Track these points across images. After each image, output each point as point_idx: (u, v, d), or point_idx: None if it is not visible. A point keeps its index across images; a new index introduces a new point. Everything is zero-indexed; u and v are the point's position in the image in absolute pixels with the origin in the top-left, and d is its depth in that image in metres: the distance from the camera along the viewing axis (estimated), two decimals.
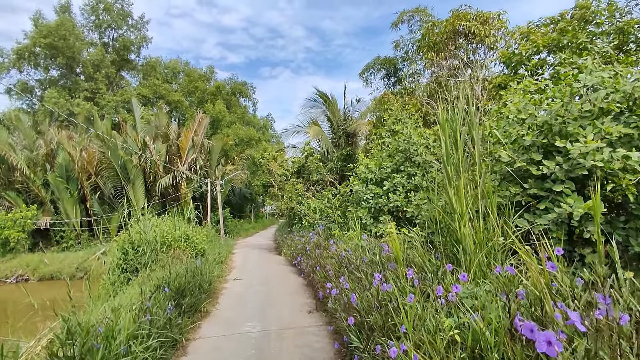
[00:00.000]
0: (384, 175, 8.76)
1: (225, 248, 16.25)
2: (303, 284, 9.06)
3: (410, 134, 8.68)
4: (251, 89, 47.71)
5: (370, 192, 8.47)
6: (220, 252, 13.21)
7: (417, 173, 8.50)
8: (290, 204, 15.69)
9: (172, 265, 10.05)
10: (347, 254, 6.28)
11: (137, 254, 10.29)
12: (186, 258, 10.67)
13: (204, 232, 17.22)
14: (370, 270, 4.53)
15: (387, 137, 9.26)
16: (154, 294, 5.23)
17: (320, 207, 12.93)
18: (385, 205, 8.23)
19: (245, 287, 9.15)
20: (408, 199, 8.09)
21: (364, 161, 9.07)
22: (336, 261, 6.35)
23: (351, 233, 8.01)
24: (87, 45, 35.97)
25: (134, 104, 28.14)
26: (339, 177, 20.35)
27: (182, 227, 11.88)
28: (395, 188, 8.39)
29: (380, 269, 4.42)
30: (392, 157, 9.15)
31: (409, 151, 8.62)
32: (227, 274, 11.28)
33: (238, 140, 38.75)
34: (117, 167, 24.70)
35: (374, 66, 18.89)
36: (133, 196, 25.02)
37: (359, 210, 8.39)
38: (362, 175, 8.79)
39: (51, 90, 32.52)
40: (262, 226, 41.59)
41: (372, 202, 8.29)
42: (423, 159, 8.56)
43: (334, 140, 25.05)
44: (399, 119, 9.44)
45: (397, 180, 8.35)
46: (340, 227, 11.17)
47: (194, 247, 11.46)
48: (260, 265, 12.88)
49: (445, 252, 3.92)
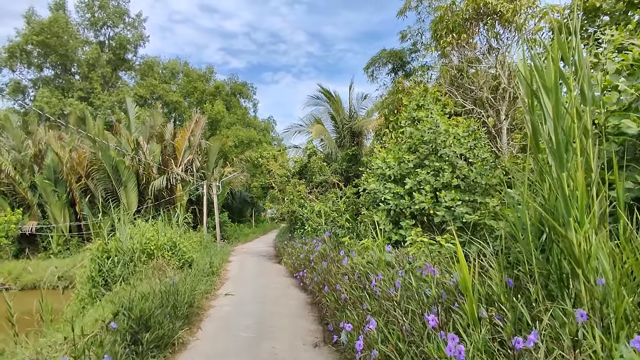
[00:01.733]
0: (405, 171, 7.25)
1: (220, 256, 14.74)
2: (307, 302, 7.54)
3: (437, 122, 7.18)
4: (251, 90, 46.40)
5: (389, 191, 6.96)
6: (212, 261, 11.69)
7: (445, 169, 6.99)
8: (291, 207, 14.19)
9: (152, 278, 8.58)
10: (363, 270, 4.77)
11: (113, 265, 8.80)
12: (171, 269, 9.17)
13: (196, 238, 15.73)
14: (412, 304, 3.01)
15: (408, 126, 7.78)
16: (99, 334, 3.72)
17: (326, 210, 11.42)
18: (407, 207, 6.71)
19: (236, 305, 7.62)
20: (436, 199, 6.57)
21: (381, 154, 7.56)
22: (350, 280, 4.83)
23: (366, 242, 6.50)
24: (81, 44, 34.73)
25: (128, 103, 26.80)
26: (344, 178, 18.86)
27: (168, 233, 10.39)
28: (420, 187, 6.88)
29: (431, 303, 2.90)
30: (413, 150, 7.65)
31: (436, 142, 7.12)
32: (218, 287, 9.77)
33: (238, 141, 37.36)
34: (109, 169, 23.28)
35: (380, 60, 17.42)
36: (125, 199, 23.58)
37: (376, 213, 6.88)
38: (378, 171, 7.28)
39: (43, 90, 31.24)
40: (262, 231, 40.08)
41: (392, 204, 6.78)
42: (452, 151, 7.06)
43: (338, 140, 23.60)
44: (421, 105, 7.95)
45: (421, 177, 6.84)
46: (349, 233, 9.67)
47: (181, 257, 9.96)
48: (257, 276, 11.35)
49: (543, 280, 2.41)
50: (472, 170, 6.84)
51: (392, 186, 7.00)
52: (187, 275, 8.67)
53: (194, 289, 6.84)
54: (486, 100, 11.34)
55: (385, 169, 7.22)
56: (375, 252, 4.91)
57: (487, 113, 10.93)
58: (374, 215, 6.86)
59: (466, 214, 6.24)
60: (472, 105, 11.03)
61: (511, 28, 10.83)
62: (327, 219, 10.22)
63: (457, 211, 6.24)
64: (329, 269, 6.04)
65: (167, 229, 11.34)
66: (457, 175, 6.91)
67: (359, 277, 4.60)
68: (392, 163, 7.27)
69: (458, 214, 6.25)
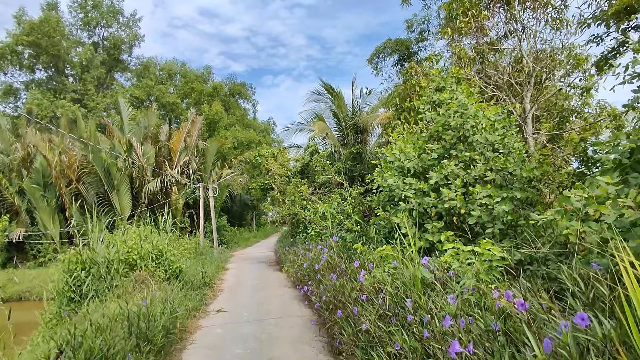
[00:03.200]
0: (428, 163, 6.05)
1: (216, 263, 13.55)
2: (312, 320, 6.33)
3: (466, 104, 5.99)
4: (250, 90, 45.27)
5: (410, 187, 5.75)
6: (205, 270, 10.50)
7: (477, 159, 5.79)
8: (292, 209, 13.00)
9: (132, 293, 7.41)
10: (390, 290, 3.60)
11: (87, 278, 7.62)
12: (154, 282, 7.97)
13: (189, 244, 14.54)
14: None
15: (427, 111, 6.57)
16: None
17: (331, 211, 10.23)
18: (433, 206, 5.51)
19: (230, 326, 6.42)
20: (470, 196, 5.38)
21: (398, 143, 6.34)
22: (373, 304, 3.63)
23: (385, 249, 5.30)
24: (74, 44, 33.69)
25: (121, 103, 25.69)
26: (348, 178, 17.66)
27: (155, 239, 9.20)
28: (447, 181, 5.68)
29: None
30: (435, 139, 6.46)
31: (464, 128, 5.92)
32: (210, 301, 8.57)
33: (237, 143, 36.22)
34: (100, 172, 22.16)
35: (385, 50, 16.22)
36: (118, 203, 22.43)
37: (395, 214, 5.67)
38: (396, 163, 6.07)
39: (33, 91, 30.19)
40: (263, 235, 38.96)
41: (414, 203, 5.58)
42: (484, 138, 5.87)
43: (341, 138, 22.42)
44: (441, 87, 6.75)
45: (449, 170, 5.64)
46: (359, 238, 8.47)
47: (168, 267, 8.76)
48: (256, 287, 10.15)
49: None
50: (510, 161, 5.64)
51: (413, 181, 5.79)
52: (172, 289, 7.48)
53: (175, 310, 5.63)
54: (510, 85, 10.16)
55: (403, 161, 6.00)
56: (406, 266, 3.71)
57: (510, 100, 9.75)
58: (393, 217, 5.65)
59: (508, 213, 5.04)
60: (493, 91, 9.85)
61: (535, 6, 9.65)
62: (333, 221, 9.02)
63: (497, 210, 5.04)
64: (342, 285, 4.83)
65: (154, 235, 10.14)
66: (490, 167, 5.71)
67: (386, 301, 3.39)
68: (412, 154, 6.06)
69: (498, 213, 5.05)
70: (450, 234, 5.20)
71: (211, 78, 43.16)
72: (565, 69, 9.47)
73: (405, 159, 5.99)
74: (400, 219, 5.47)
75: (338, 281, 5.25)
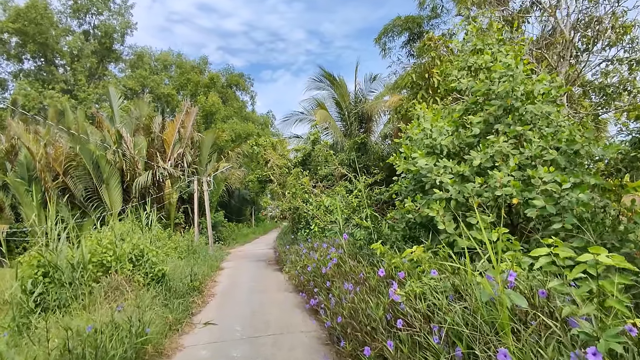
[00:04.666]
0: (467, 141, 4.77)
1: (209, 263, 12.31)
2: (320, 339, 5.09)
3: (514, 66, 4.70)
4: (248, 81, 43.79)
5: (446, 171, 4.47)
6: (196, 271, 9.26)
7: (531, 136, 4.53)
8: (293, 203, 11.74)
9: (103, 303, 6.19)
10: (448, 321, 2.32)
11: (49, 284, 6.38)
12: (131, 290, 6.72)
13: (181, 242, 13.29)
14: None
15: (462, 78, 5.28)
16: None
17: (338, 205, 8.98)
18: (477, 195, 4.25)
19: (218, 347, 5.18)
20: (528, 181, 4.14)
21: (428, 117, 5.03)
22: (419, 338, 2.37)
23: (415, 250, 4.04)
24: (63, 32, 32.21)
25: (112, 93, 24.30)
26: (352, 170, 16.38)
27: (135, 238, 7.94)
28: (495, 163, 4.41)
29: None
30: (472, 112, 5.17)
31: (514, 96, 4.64)
32: (198, 310, 7.34)
33: (235, 136, 34.91)
34: (89, 165, 20.88)
35: (394, 29, 14.85)
36: (108, 198, 21.15)
37: (427, 204, 4.40)
38: (426, 141, 4.77)
39: (21, 82, 28.80)
40: (262, 231, 37.75)
41: (453, 190, 4.30)
42: (539, 109, 4.60)
43: (344, 128, 21.12)
44: (478, 49, 5.47)
45: (496, 149, 4.37)
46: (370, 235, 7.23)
47: (150, 269, 7.51)
48: (252, 291, 8.91)
49: None
50: (579, 136, 4.37)
51: (450, 164, 4.51)
52: (152, 298, 6.24)
53: (144, 331, 4.37)
54: (541, 60, 8.85)
55: (436, 137, 4.71)
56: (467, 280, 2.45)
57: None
58: (424, 209, 4.38)
59: (583, 203, 3.79)
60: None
61: None
62: (342, 216, 7.75)
63: (569, 199, 3.78)
64: (363, 300, 3.58)
65: (136, 233, 8.88)
66: (550, 144, 4.44)
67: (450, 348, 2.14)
68: (448, 128, 4.77)
69: (570, 203, 3.79)
70: (504, 230, 3.95)
71: (208, 69, 41.71)
72: (611, 40, 8.16)
73: (438, 134, 4.70)
74: (435, 211, 4.20)
75: (356, 294, 3.99)
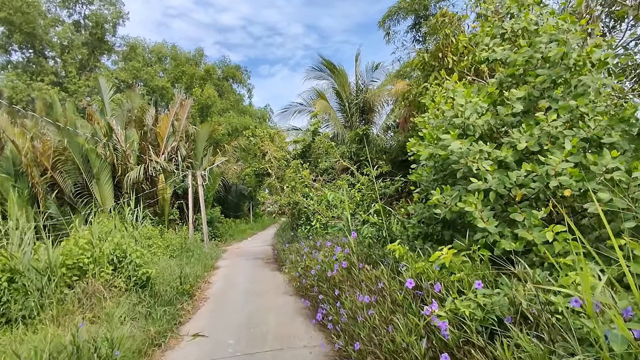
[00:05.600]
0: (507, 120, 3.92)
1: (203, 262, 11.49)
2: (326, 356, 4.28)
3: (566, 28, 3.85)
4: (246, 74, 42.65)
5: (482, 156, 3.63)
6: (188, 272, 8.44)
7: (586, 113, 3.70)
8: (293, 197, 10.90)
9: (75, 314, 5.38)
10: None
11: (14, 292, 5.54)
12: (110, 297, 5.90)
13: (174, 239, 12.45)
14: None
15: (496, 45, 4.42)
16: None
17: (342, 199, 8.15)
18: (520, 185, 3.41)
19: None
20: (586, 169, 3.31)
21: (460, 91, 4.16)
22: None
23: (444, 253, 3.23)
24: (52, 22, 31.04)
25: (102, 84, 23.32)
26: (354, 163, 15.54)
27: (116, 237, 7.08)
28: (543, 147, 3.57)
29: None
30: (509, 88, 4.32)
31: (564, 65, 3.80)
32: (188, 317, 6.53)
33: (231, 129, 33.98)
34: (78, 159, 20.01)
35: (399, 12, 13.92)
36: (98, 194, 20.26)
37: (456, 197, 3.57)
38: (457, 120, 3.90)
39: (9, 74, 27.72)
40: (261, 226, 36.98)
41: (492, 180, 3.46)
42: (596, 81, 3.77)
43: (344, 120, 20.24)
44: (512, 13, 4.60)
45: (544, 129, 3.52)
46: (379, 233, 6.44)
47: (133, 272, 6.67)
48: (248, 293, 8.10)
49: None
50: None
51: (487, 148, 3.66)
52: (127, 307, 5.42)
53: (114, 352, 3.54)
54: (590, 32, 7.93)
55: (470, 115, 3.86)
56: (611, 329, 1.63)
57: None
58: (459, 203, 3.53)
59: None
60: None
61: None
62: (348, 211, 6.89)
63: None
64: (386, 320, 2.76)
65: (120, 230, 8.03)
66: (611, 124, 3.60)
67: None
68: (483, 104, 3.92)
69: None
70: (562, 230, 3.14)
71: (203, 61, 40.57)
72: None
73: (474, 111, 3.84)
74: (473, 205, 3.36)
75: (375, 307, 3.17)
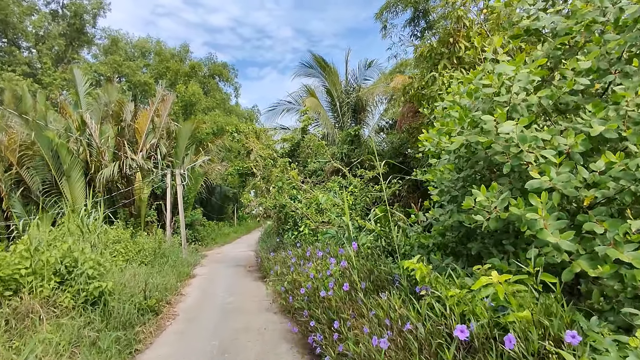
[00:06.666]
0: (564, 99, 2.98)
1: (178, 269, 10.30)
2: None
3: None
4: (232, 72, 41.36)
5: (537, 143, 2.67)
6: (156, 283, 7.28)
7: None
8: (279, 200, 9.84)
9: None
10: None
11: None
12: (50, 316, 4.74)
13: (147, 244, 11.19)
14: None
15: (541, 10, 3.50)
16: None
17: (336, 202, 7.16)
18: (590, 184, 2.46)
19: None
20: None
21: (505, 59, 3.21)
22: None
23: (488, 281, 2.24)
24: (27, 11, 29.26)
25: (77, 76, 21.81)
26: (345, 164, 14.59)
27: (67, 243, 5.90)
28: (619, 134, 2.63)
29: None
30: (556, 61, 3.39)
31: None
32: (149, 341, 5.40)
33: (217, 128, 32.68)
34: (47, 155, 18.47)
35: (397, 5, 13.13)
36: (69, 192, 18.77)
37: (516, 202, 2.60)
38: (502, 97, 2.95)
39: None
40: (245, 230, 35.66)
41: (556, 178, 2.50)
42: None
43: (335, 120, 19.31)
44: None
45: (623, 110, 2.59)
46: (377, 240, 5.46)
47: (85, 286, 5.50)
48: (226, 311, 6.99)
49: None
50: None
51: (545, 134, 2.72)
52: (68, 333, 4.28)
53: None
54: None
55: (520, 90, 2.91)
56: None
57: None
58: (513, 208, 2.56)
59: None
60: None
61: None
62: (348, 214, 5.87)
63: None
64: None
65: (73, 233, 6.84)
66: None
67: None
68: (532, 78, 2.98)
69: None
70: None
71: (189, 57, 39.16)
72: None
73: (527, 82, 2.88)
74: (537, 211, 2.40)
75: None
